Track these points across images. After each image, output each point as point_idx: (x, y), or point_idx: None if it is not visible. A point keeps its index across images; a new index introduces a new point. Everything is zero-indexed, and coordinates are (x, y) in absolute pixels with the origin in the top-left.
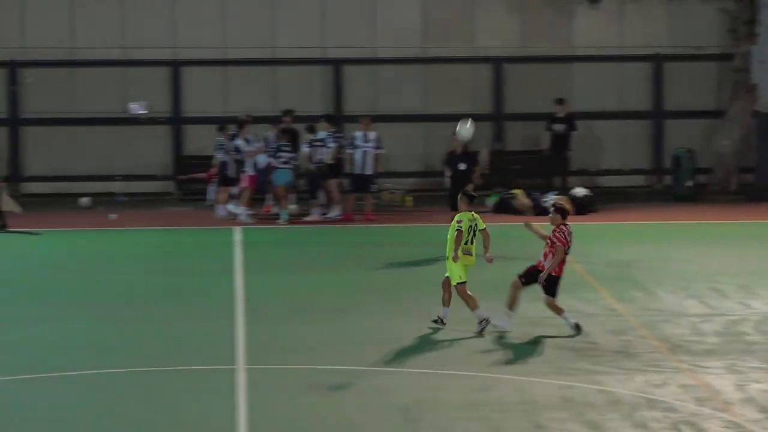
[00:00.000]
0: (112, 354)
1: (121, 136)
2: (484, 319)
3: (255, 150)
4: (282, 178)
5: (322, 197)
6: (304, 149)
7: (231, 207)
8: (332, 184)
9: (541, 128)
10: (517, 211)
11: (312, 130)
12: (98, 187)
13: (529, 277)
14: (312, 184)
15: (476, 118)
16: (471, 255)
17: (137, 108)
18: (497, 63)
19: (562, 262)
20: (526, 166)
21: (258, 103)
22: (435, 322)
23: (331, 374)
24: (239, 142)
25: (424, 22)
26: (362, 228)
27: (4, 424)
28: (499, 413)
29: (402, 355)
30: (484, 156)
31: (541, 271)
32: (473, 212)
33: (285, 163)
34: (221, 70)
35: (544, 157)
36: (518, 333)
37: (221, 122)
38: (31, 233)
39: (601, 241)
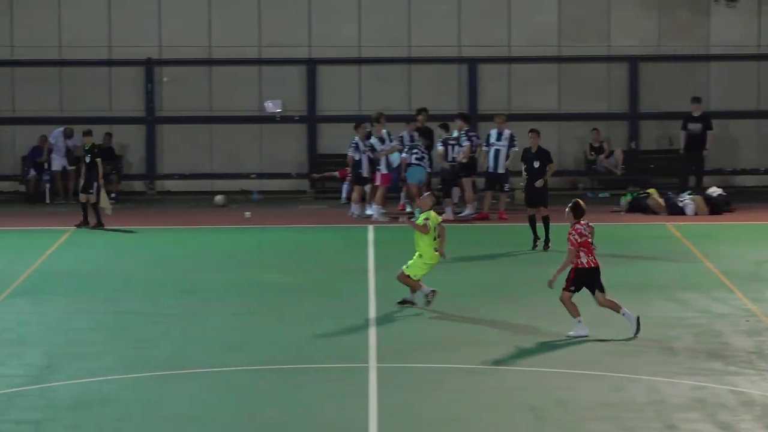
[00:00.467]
0: (247, 351)
1: (256, 134)
2: (430, 292)
3: (389, 148)
4: (415, 176)
5: (455, 195)
6: (439, 147)
7: (368, 210)
8: (466, 182)
9: (676, 127)
10: (651, 211)
11: (446, 128)
12: (233, 185)
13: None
14: (446, 182)
15: (611, 117)
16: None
17: (273, 106)
18: (633, 62)
19: (591, 252)
20: (660, 165)
21: (392, 101)
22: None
23: (462, 373)
24: (373, 140)
25: (560, 21)
26: (495, 227)
27: (145, 419)
28: (630, 413)
29: (534, 354)
30: (618, 155)
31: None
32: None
33: (419, 160)
34: (356, 69)
35: (679, 157)
36: (649, 334)
37: (356, 120)
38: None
39: (736, 240)
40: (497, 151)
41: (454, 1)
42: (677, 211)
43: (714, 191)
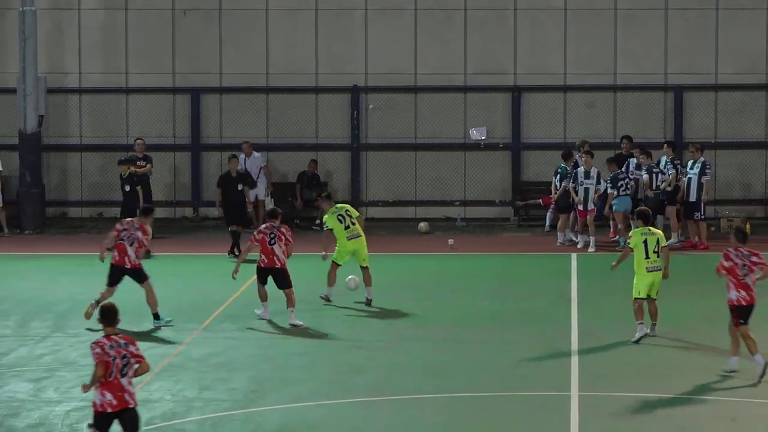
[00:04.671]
0: (451, 378)
1: (460, 161)
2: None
3: (594, 178)
4: (622, 205)
5: (660, 224)
6: (644, 175)
7: (571, 235)
8: (670, 210)
9: None
10: None
11: (648, 155)
12: (436, 212)
13: None
14: (651, 210)
15: None
16: (359, 236)
17: (477, 133)
18: None
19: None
20: None
21: (598, 129)
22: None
23: (668, 402)
24: (579, 170)
25: None
26: (700, 255)
27: None
28: None
29: (742, 383)
30: None
31: None
32: (338, 204)
33: (624, 190)
34: (561, 96)
35: None
36: None
37: (561, 148)
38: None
39: None
40: (689, 180)
41: (660, 29)
42: None
43: None
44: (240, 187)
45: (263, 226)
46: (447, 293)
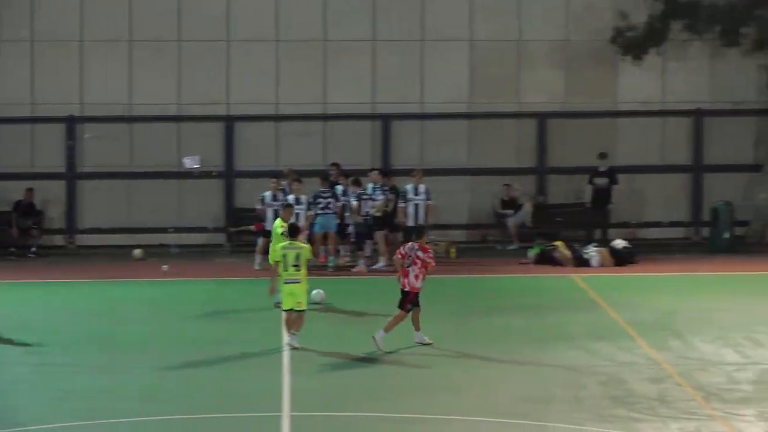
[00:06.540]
0: (165, 401)
1: (174, 189)
2: None
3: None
4: (324, 224)
5: (368, 249)
6: (353, 202)
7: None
8: (379, 235)
9: (583, 181)
10: (558, 263)
11: (358, 183)
12: (152, 239)
13: None
14: (359, 236)
15: (520, 171)
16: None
17: (191, 162)
18: (542, 118)
19: None
20: (568, 218)
21: (309, 157)
22: None
23: (375, 422)
24: (290, 197)
25: (472, 79)
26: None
27: None
28: None
29: (449, 402)
30: (527, 208)
31: None
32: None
33: (323, 208)
34: (273, 125)
35: (586, 210)
36: (558, 382)
37: (273, 176)
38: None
39: (640, 291)
40: (416, 205)
41: (368, 59)
42: (583, 263)
43: (619, 243)
44: None
45: None
46: (161, 318)
